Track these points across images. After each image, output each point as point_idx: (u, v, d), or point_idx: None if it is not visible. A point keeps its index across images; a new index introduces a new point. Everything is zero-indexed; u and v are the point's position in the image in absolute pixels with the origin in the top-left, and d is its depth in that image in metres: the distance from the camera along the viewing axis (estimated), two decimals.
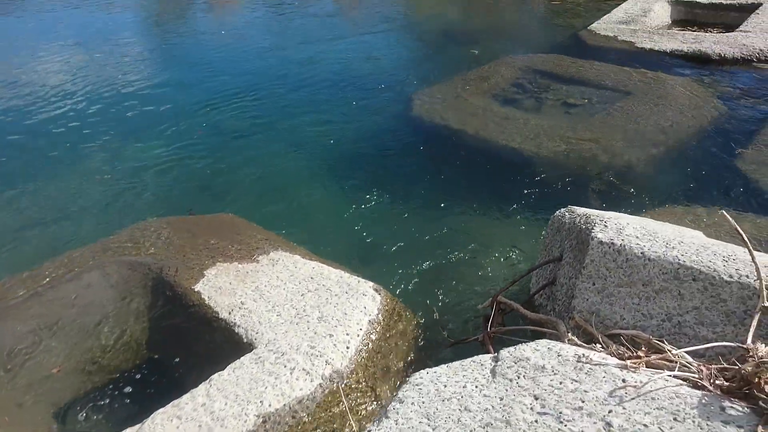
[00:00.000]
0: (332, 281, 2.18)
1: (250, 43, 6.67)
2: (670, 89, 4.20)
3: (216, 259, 2.37)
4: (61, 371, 2.11)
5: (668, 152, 3.40)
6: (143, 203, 3.33)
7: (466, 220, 2.93)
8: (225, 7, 9.28)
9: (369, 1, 9.02)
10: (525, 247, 2.69)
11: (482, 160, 3.45)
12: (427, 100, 4.25)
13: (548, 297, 1.96)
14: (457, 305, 2.31)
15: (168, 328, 2.22)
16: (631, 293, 1.59)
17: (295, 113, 4.47)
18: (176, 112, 4.57)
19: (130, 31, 7.54)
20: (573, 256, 1.80)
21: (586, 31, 5.76)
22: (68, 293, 2.28)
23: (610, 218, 1.76)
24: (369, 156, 3.70)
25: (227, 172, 3.63)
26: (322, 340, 1.86)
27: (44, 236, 3.05)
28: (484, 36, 6.48)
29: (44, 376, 2.08)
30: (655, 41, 5.15)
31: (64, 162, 3.82)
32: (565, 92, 4.30)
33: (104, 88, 5.18)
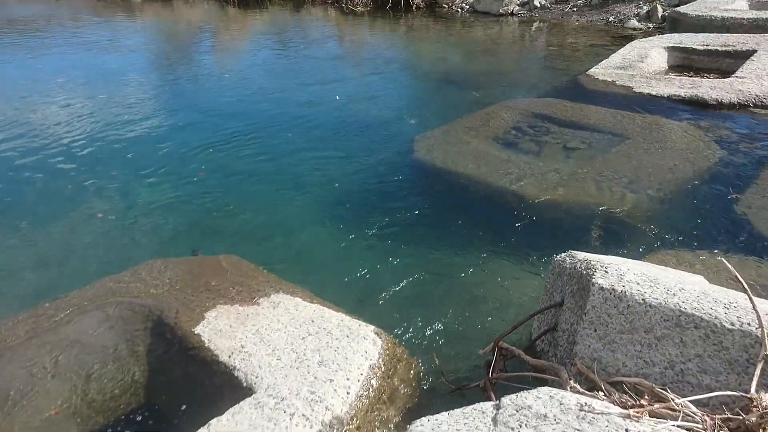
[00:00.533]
0: (333, 324, 2.17)
1: (254, 85, 6.79)
2: (668, 133, 4.26)
3: (217, 301, 2.37)
4: (59, 414, 2.09)
5: (667, 196, 3.43)
6: (145, 243, 3.34)
7: (466, 263, 2.93)
8: (230, 49, 9.48)
9: (372, 44, 9.22)
10: (526, 290, 2.69)
11: (483, 203, 3.47)
12: (429, 142, 4.31)
13: (550, 343, 1.96)
14: (458, 350, 2.29)
15: (167, 370, 2.20)
16: (633, 340, 1.59)
17: (297, 155, 4.52)
18: (180, 152, 4.62)
19: (136, 72, 7.68)
20: (574, 301, 1.80)
21: (585, 75, 5.87)
22: (68, 334, 2.28)
23: (610, 264, 1.76)
24: (370, 198, 3.72)
25: (229, 213, 3.65)
26: (322, 385, 1.85)
27: (46, 275, 3.05)
28: (484, 79, 6.61)
29: (42, 419, 2.05)
30: (652, 86, 5.24)
31: (66, 201, 3.84)
32: (564, 136, 4.36)
33: (109, 128, 5.25)
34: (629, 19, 9.05)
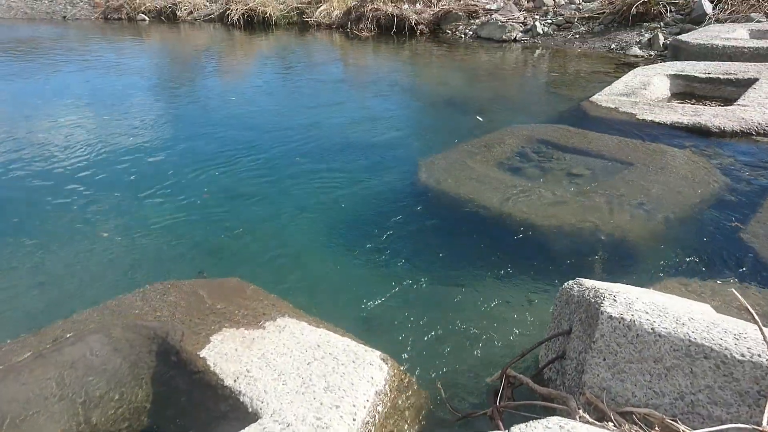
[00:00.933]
0: (339, 349, 2.16)
1: (258, 107, 6.84)
2: (671, 160, 4.28)
3: (222, 325, 2.36)
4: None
5: (671, 223, 3.44)
6: (149, 265, 3.35)
7: (472, 288, 2.93)
8: (235, 72, 9.58)
9: (376, 69, 9.31)
10: (531, 317, 2.68)
11: (488, 228, 3.48)
12: (433, 166, 4.33)
13: (557, 371, 1.95)
14: (465, 377, 2.28)
15: (172, 394, 2.19)
16: (643, 370, 1.58)
17: (301, 177, 4.55)
18: (184, 174, 4.64)
19: (141, 94, 7.75)
20: (582, 329, 1.79)
21: (588, 102, 5.91)
22: (73, 356, 2.27)
23: (619, 292, 1.76)
24: (375, 222, 3.73)
25: (234, 235, 3.66)
26: (328, 411, 1.84)
27: (49, 296, 3.05)
28: (487, 104, 6.66)
29: None
30: (655, 113, 5.28)
31: (70, 222, 3.85)
32: (568, 162, 4.38)
33: (113, 149, 5.28)
34: (631, 46, 9.15)
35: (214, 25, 15.05)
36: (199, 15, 15.84)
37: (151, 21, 16.21)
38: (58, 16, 17.99)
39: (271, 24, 14.42)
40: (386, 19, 12.40)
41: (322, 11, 13.90)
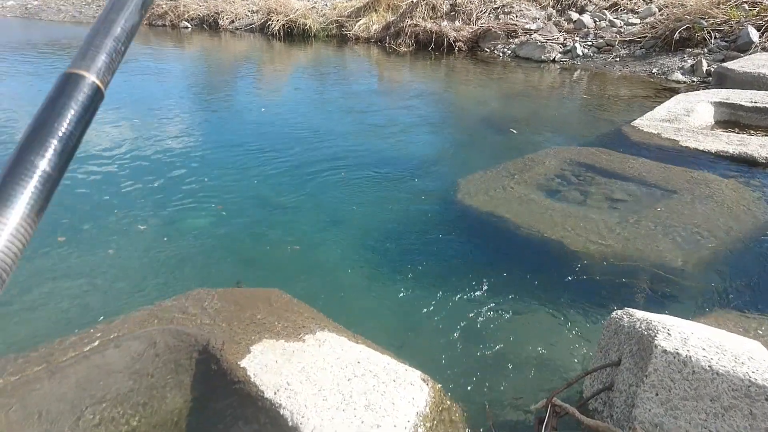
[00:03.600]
0: (379, 367, 2.15)
1: (295, 120, 6.90)
2: (716, 190, 4.19)
3: (262, 335, 2.37)
4: None
5: (717, 255, 3.36)
6: (188, 271, 3.38)
7: (512, 313, 2.89)
8: (272, 83, 9.70)
9: (413, 84, 9.34)
10: (573, 345, 2.64)
11: (529, 252, 3.44)
12: (472, 186, 4.31)
13: (604, 402, 1.90)
14: (506, 403, 2.25)
15: (212, 403, 2.19)
16: (698, 408, 1.54)
17: (339, 191, 4.56)
18: (223, 181, 4.70)
19: (181, 99, 7.90)
20: (633, 362, 1.75)
21: (629, 126, 5.84)
22: (115, 359, 2.29)
23: (673, 326, 1.72)
24: (413, 239, 3.72)
25: (271, 246, 3.68)
26: (369, 430, 1.82)
27: (90, 299, 3.10)
28: (525, 125, 6.62)
29: None
30: (699, 141, 5.19)
31: (107, 225, 3.91)
32: (609, 187, 4.32)
33: (151, 154, 5.37)
34: (673, 72, 9.02)
35: (254, 35, 15.29)
36: (241, 24, 16.13)
37: (194, 29, 16.55)
38: None
39: (310, 36, 14.61)
40: (425, 35, 12.46)
41: (361, 25, 14.03)
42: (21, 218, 0.35)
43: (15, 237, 0.34)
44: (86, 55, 0.41)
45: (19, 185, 0.35)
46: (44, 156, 0.37)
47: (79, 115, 0.39)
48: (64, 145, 0.38)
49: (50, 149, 0.37)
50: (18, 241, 0.35)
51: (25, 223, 0.35)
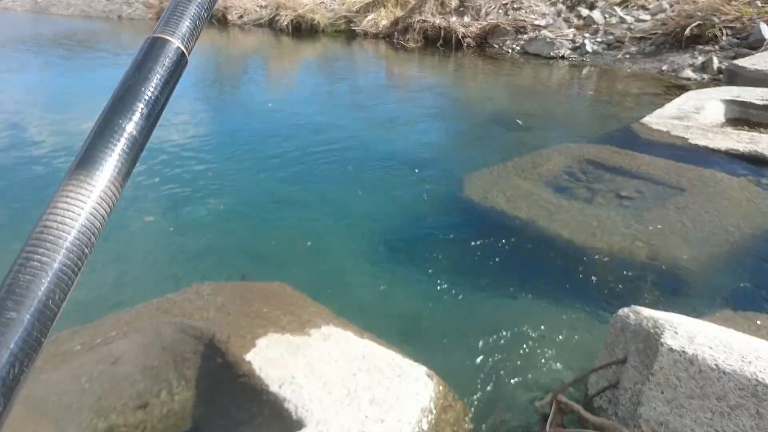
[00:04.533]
0: (384, 362, 2.15)
1: (301, 114, 6.90)
2: (725, 188, 4.16)
3: (268, 329, 2.37)
4: None
5: (726, 253, 3.33)
6: (193, 264, 3.39)
7: (517, 309, 2.89)
8: (280, 78, 9.70)
9: (420, 80, 9.32)
10: (578, 341, 2.63)
11: (535, 248, 3.43)
12: (478, 182, 4.30)
13: (609, 400, 1.89)
14: (510, 399, 2.24)
15: (217, 396, 2.20)
16: (704, 407, 1.53)
17: (345, 185, 4.56)
18: (228, 176, 4.71)
19: (187, 94, 7.91)
20: (639, 360, 1.74)
21: (638, 123, 5.79)
22: (121, 351, 2.30)
23: (680, 324, 1.71)
24: (419, 234, 3.72)
25: (277, 240, 3.68)
26: (373, 424, 1.82)
27: (97, 290, 3.11)
28: (533, 121, 6.59)
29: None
30: (709, 139, 5.14)
31: (116, 219, 3.92)
32: (617, 184, 4.30)
33: (157, 148, 5.38)
34: (683, 69, 8.95)
35: (263, 30, 15.28)
36: (249, 19, 16.12)
37: None
38: (114, 15, 18.53)
39: (318, 31, 14.58)
40: (433, 31, 12.40)
41: (369, 21, 13.99)
42: (109, 181, 0.35)
43: (103, 200, 0.35)
44: (170, 20, 0.41)
45: (107, 148, 0.36)
46: (131, 119, 0.37)
47: (165, 80, 0.40)
48: (150, 108, 0.38)
49: (137, 113, 0.38)
50: (105, 203, 0.35)
51: (112, 186, 0.35)
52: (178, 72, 0.40)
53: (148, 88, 0.39)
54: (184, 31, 0.41)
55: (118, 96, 0.38)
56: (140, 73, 0.39)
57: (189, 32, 0.41)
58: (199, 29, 0.43)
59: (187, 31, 0.41)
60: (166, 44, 0.40)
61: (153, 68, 0.39)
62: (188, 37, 0.41)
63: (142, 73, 0.39)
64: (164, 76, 0.39)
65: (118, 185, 0.36)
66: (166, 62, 0.40)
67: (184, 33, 0.41)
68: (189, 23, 0.41)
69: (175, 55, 0.40)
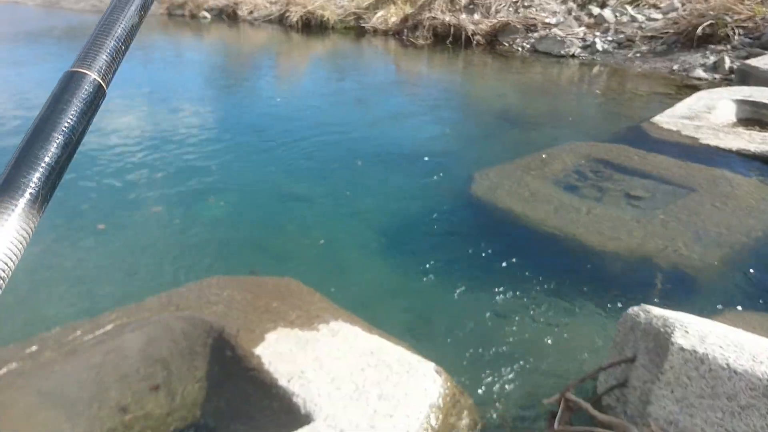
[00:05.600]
0: (393, 358, 2.15)
1: (311, 111, 6.90)
2: (736, 189, 4.13)
3: (277, 324, 2.38)
4: None
5: (736, 254, 3.31)
6: (202, 258, 3.40)
7: (525, 306, 2.88)
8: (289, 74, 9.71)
9: (429, 77, 9.31)
10: (587, 339, 2.62)
11: (543, 246, 3.42)
12: (487, 180, 4.29)
13: (618, 398, 1.89)
14: (519, 396, 2.24)
15: (226, 390, 2.21)
16: (714, 406, 1.52)
17: (354, 182, 4.56)
18: (238, 171, 4.72)
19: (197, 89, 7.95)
20: (649, 359, 1.74)
21: (648, 123, 5.77)
22: (131, 344, 2.32)
23: (690, 323, 1.70)
24: (428, 231, 3.72)
25: (286, 236, 3.69)
26: (381, 419, 1.83)
27: (109, 283, 3.13)
28: (542, 119, 6.57)
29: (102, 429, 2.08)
30: (720, 139, 5.11)
31: (125, 211, 3.94)
32: (627, 183, 4.28)
33: (168, 142, 5.40)
34: (694, 68, 8.90)
35: (272, 26, 15.30)
36: (259, 15, 16.14)
37: (213, 19, 16.59)
38: None
39: (328, 28, 14.58)
40: (443, 28, 12.37)
41: (379, 17, 13.97)
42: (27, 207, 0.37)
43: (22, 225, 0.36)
44: (88, 54, 0.43)
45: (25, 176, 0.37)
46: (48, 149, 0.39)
47: (82, 111, 0.42)
48: (67, 138, 0.40)
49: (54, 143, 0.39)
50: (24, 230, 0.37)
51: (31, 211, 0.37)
52: (95, 103, 0.43)
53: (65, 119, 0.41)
54: (101, 64, 0.43)
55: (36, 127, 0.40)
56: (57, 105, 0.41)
57: (106, 65, 0.44)
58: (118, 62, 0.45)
59: (104, 64, 0.44)
60: (84, 77, 0.42)
61: (70, 100, 0.41)
62: (105, 69, 0.44)
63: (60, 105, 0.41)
64: (81, 107, 0.42)
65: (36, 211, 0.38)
66: (82, 94, 0.42)
67: (101, 66, 0.43)
68: (106, 56, 0.44)
69: (92, 87, 0.43)
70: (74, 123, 0.40)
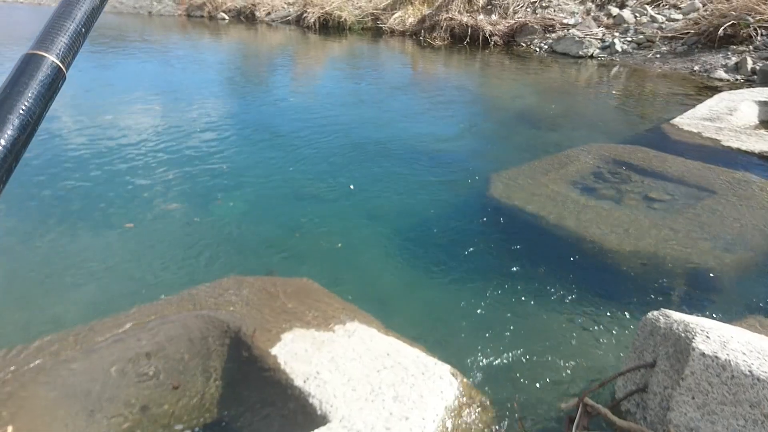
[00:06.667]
0: (408, 360, 2.14)
1: (326, 111, 6.91)
2: (758, 192, 4.07)
3: (293, 324, 2.39)
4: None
5: (759, 258, 3.26)
6: (220, 258, 3.41)
7: (543, 309, 2.86)
8: (305, 74, 9.74)
9: (447, 77, 9.28)
10: (604, 343, 2.59)
11: (562, 249, 3.39)
12: (505, 181, 4.26)
13: (637, 404, 1.87)
14: (535, 400, 2.22)
15: (242, 389, 2.22)
16: (736, 414, 1.50)
17: (371, 183, 4.56)
18: (255, 170, 4.74)
19: (215, 89, 7.99)
20: (669, 364, 1.71)
21: (668, 124, 5.71)
22: (149, 343, 2.34)
23: (711, 328, 1.68)
24: (444, 232, 3.70)
25: (303, 236, 3.69)
26: (397, 422, 1.82)
27: (127, 281, 3.16)
28: (560, 121, 6.52)
29: (120, 426, 2.10)
30: (742, 141, 5.04)
31: (142, 209, 3.97)
32: (646, 185, 4.23)
33: (186, 141, 5.44)
34: (716, 69, 8.78)
35: (290, 27, 15.38)
36: (277, 16, 16.22)
37: (231, 20, 16.71)
38: (144, 11, 18.80)
39: (345, 28, 14.62)
40: (460, 29, 12.36)
41: (396, 18, 13.99)
42: None
43: None
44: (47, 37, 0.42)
45: None
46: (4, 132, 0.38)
47: (40, 93, 0.41)
48: (23, 121, 0.39)
49: (9, 125, 0.39)
50: None
51: None
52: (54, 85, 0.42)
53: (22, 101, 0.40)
54: (60, 47, 0.42)
55: None
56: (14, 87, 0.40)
57: (65, 48, 0.42)
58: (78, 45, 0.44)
59: (63, 47, 0.42)
60: (42, 60, 0.41)
61: (27, 83, 0.40)
62: (64, 52, 0.42)
63: (16, 87, 0.40)
64: (39, 90, 0.41)
65: None
66: (40, 76, 0.41)
67: (60, 49, 0.42)
68: (66, 39, 0.43)
69: (51, 69, 0.41)
70: (31, 105, 0.40)
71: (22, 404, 1.98)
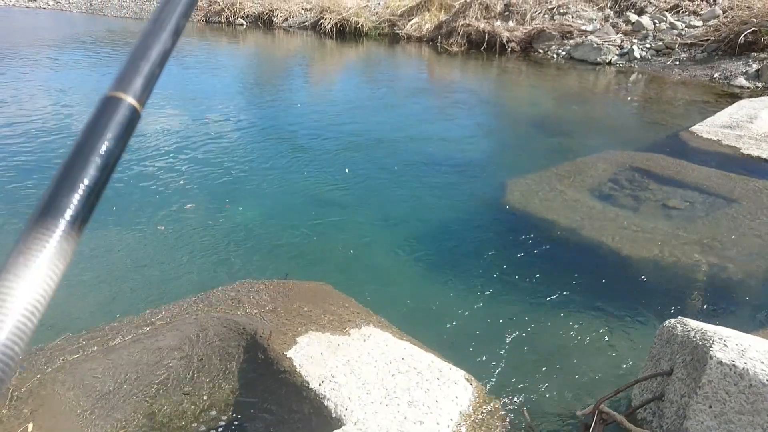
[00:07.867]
0: (423, 365, 2.15)
1: (343, 117, 6.94)
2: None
3: (309, 327, 2.40)
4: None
5: None
6: (237, 262, 3.44)
7: (559, 316, 2.85)
8: (322, 80, 9.80)
9: (464, 84, 9.29)
10: (620, 350, 2.58)
11: (578, 256, 3.38)
12: (521, 188, 4.26)
13: (654, 412, 1.85)
14: (550, 407, 2.21)
15: (257, 391, 2.24)
16: (754, 423, 1.48)
17: (387, 188, 4.57)
18: (272, 176, 4.77)
19: (233, 94, 8.06)
20: (686, 372, 1.70)
21: (688, 132, 5.66)
22: (166, 343, 2.36)
23: (729, 337, 1.66)
24: (460, 238, 3.70)
25: (319, 240, 3.71)
26: (412, 426, 1.83)
27: (146, 283, 3.20)
28: (578, 128, 6.49)
29: (136, 425, 2.13)
30: (762, 149, 4.99)
31: (160, 214, 4.01)
32: (665, 193, 4.20)
33: (204, 147, 5.49)
34: (736, 77, 8.69)
35: (307, 33, 15.47)
36: (294, 22, 16.34)
37: (248, 26, 16.86)
38: None
39: (362, 34, 14.68)
40: (477, 35, 12.35)
41: (413, 24, 14.01)
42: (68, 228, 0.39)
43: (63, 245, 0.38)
44: (124, 79, 0.45)
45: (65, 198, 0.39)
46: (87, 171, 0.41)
47: (119, 134, 0.44)
48: (104, 161, 0.42)
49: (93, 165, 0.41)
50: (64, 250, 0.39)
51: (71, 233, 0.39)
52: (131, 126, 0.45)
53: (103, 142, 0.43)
54: (136, 89, 0.46)
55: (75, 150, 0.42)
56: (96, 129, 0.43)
57: (141, 89, 0.46)
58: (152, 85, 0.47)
59: (139, 88, 0.46)
60: (119, 102, 0.45)
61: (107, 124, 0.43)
62: (140, 93, 0.46)
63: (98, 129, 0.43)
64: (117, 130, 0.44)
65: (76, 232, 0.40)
66: (119, 118, 0.44)
67: (137, 90, 0.46)
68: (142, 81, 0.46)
69: (128, 111, 0.45)
70: (111, 145, 0.43)
71: (41, 402, 2.02)
